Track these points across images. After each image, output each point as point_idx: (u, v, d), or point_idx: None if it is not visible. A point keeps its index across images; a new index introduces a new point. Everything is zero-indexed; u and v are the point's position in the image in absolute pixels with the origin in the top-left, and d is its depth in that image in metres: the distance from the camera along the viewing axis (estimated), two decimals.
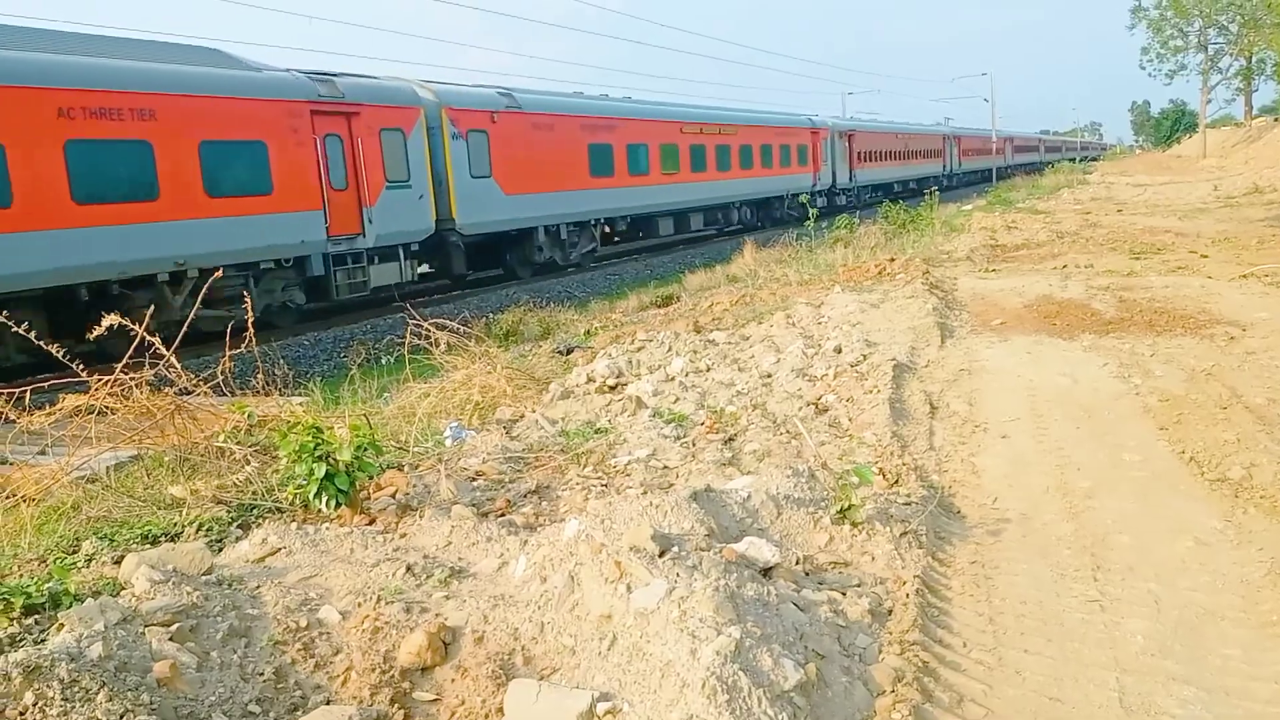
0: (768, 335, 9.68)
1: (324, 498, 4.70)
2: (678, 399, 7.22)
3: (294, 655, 3.37)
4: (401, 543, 4.41)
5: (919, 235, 20.01)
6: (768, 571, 3.79)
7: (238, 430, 5.94)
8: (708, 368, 8.38)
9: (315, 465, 4.66)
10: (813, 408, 6.75)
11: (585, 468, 5.66)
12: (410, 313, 9.18)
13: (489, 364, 8.09)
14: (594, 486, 5.22)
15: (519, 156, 20.82)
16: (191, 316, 7.68)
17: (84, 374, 5.98)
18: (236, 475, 5.45)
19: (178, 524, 4.82)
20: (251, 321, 6.86)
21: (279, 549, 4.29)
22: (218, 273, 9.03)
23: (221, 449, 5.81)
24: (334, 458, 4.68)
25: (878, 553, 4.20)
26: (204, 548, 4.18)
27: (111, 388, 5.96)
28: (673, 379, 7.94)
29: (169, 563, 3.90)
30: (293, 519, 4.80)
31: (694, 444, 6.04)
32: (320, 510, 4.76)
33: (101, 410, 5.97)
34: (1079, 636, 3.57)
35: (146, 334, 6.12)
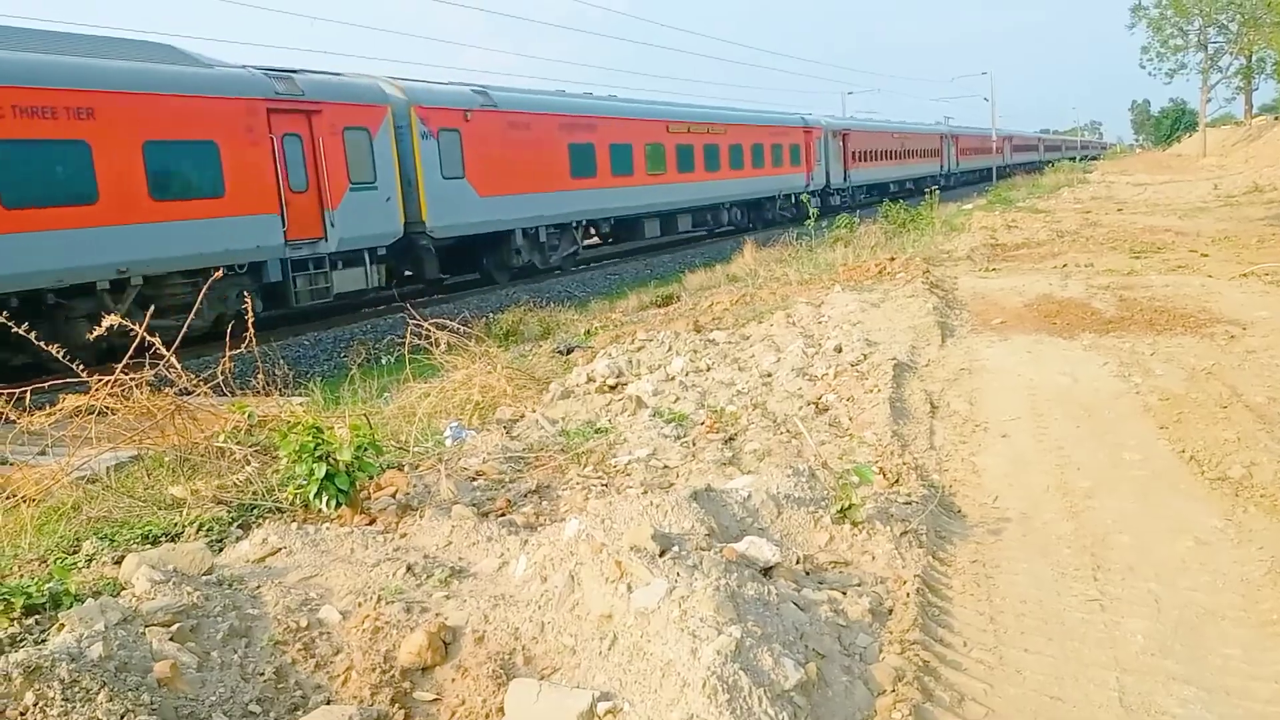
0: (768, 335, 9.68)
1: (324, 498, 4.70)
2: (678, 398, 7.22)
3: (294, 655, 3.37)
4: (402, 543, 4.41)
5: (919, 234, 20.02)
6: (768, 571, 3.79)
7: (238, 430, 5.94)
8: (708, 367, 8.38)
9: (315, 465, 4.66)
10: (813, 407, 6.75)
11: (585, 467, 5.66)
12: (410, 313, 9.18)
13: (489, 364, 8.09)
14: (594, 486, 5.22)
15: (494, 156, 20.03)
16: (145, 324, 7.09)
17: (84, 374, 5.98)
18: (237, 475, 5.45)
19: (178, 524, 4.82)
20: (251, 322, 6.87)
21: (279, 549, 4.29)
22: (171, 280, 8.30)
23: (222, 449, 5.81)
24: (334, 458, 4.69)
25: (878, 552, 4.20)
26: (204, 548, 4.18)
27: (111, 388, 5.96)
28: (673, 378, 7.94)
29: (169, 563, 3.91)
30: (293, 519, 4.81)
31: (694, 443, 6.04)
32: (320, 510, 4.77)
33: (101, 411, 5.97)
34: (1079, 636, 3.57)
35: (149, 336, 6.13)
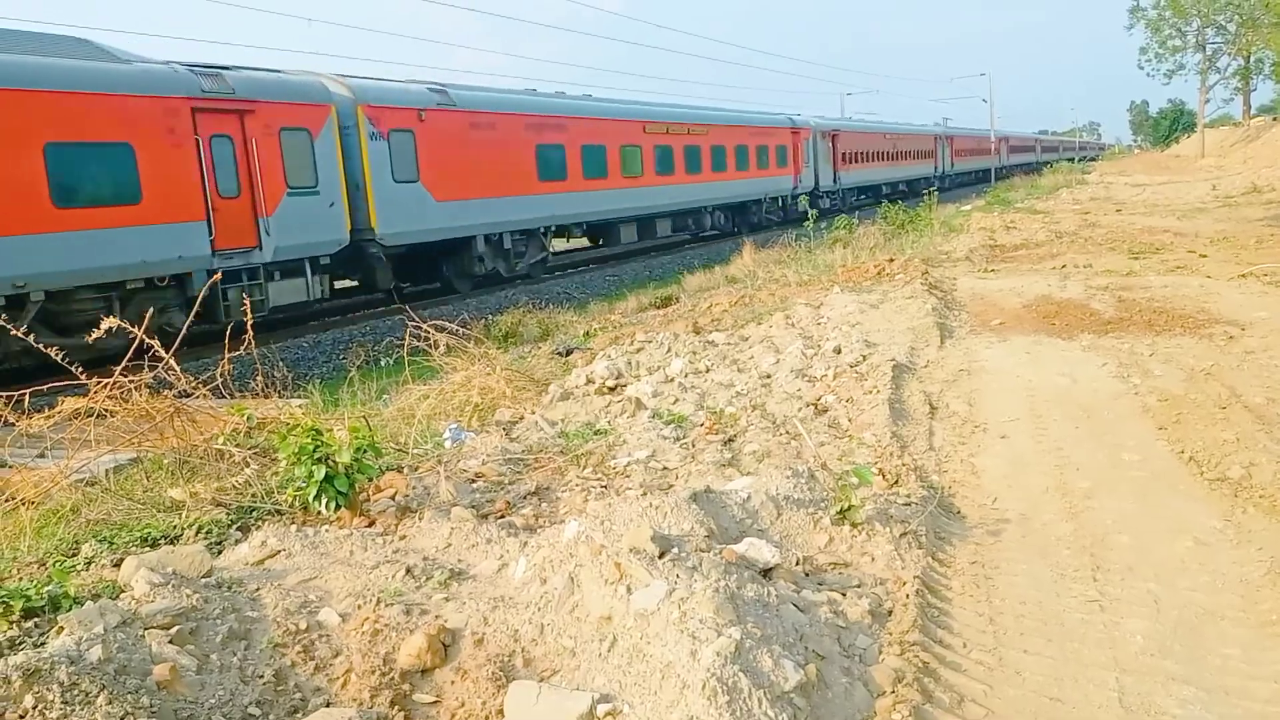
0: (767, 336, 9.68)
1: (323, 500, 4.70)
2: (677, 400, 7.23)
3: (294, 658, 3.37)
4: (401, 545, 4.41)
5: (918, 235, 20.03)
6: (768, 572, 3.79)
7: (237, 433, 5.94)
8: (707, 369, 8.38)
9: (315, 467, 4.66)
10: (812, 408, 6.76)
11: (585, 469, 5.66)
12: (409, 315, 9.19)
13: (488, 365, 8.09)
14: (594, 488, 5.22)
15: (453, 159, 18.92)
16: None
17: (83, 377, 5.97)
18: (236, 478, 5.45)
19: (177, 527, 4.82)
20: (250, 325, 6.87)
21: (278, 551, 4.29)
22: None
23: (221, 451, 5.81)
24: (333, 460, 4.68)
25: (878, 553, 4.20)
26: (203, 550, 4.18)
27: (111, 390, 5.96)
28: (672, 380, 7.94)
29: (168, 565, 3.90)
30: (292, 521, 4.81)
31: (693, 445, 6.04)
32: (320, 512, 4.76)
33: (101, 413, 5.96)
34: (1079, 637, 3.57)
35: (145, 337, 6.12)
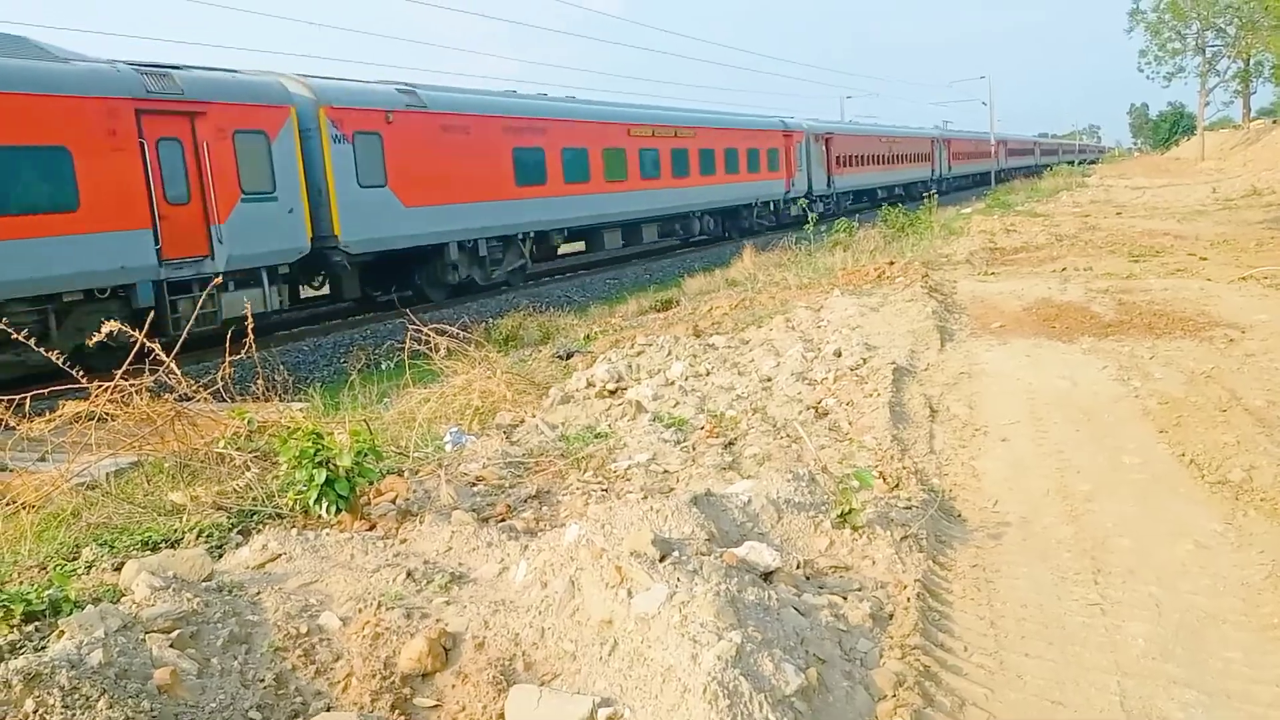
0: (767, 339, 9.68)
1: (324, 503, 4.70)
2: (678, 403, 7.22)
3: (294, 661, 3.37)
4: (402, 548, 4.41)
5: (918, 238, 20.04)
6: (768, 576, 3.79)
7: (238, 436, 5.94)
8: (707, 372, 8.38)
9: (315, 471, 4.66)
10: (813, 411, 6.75)
11: (585, 472, 5.66)
12: (410, 318, 9.19)
13: (489, 369, 8.10)
14: (594, 491, 5.22)
15: (423, 163, 18.13)
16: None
17: (84, 380, 5.98)
18: (237, 481, 5.45)
19: (178, 530, 4.82)
20: (251, 328, 6.87)
21: (279, 555, 4.29)
22: None
23: (222, 455, 5.81)
24: (334, 463, 4.68)
25: (878, 557, 4.20)
26: (204, 554, 4.18)
27: (111, 394, 5.96)
28: (672, 383, 7.94)
29: (169, 569, 3.90)
30: (293, 525, 4.80)
31: (694, 448, 6.04)
32: (320, 516, 4.76)
33: (101, 417, 5.96)
34: (1080, 640, 3.57)
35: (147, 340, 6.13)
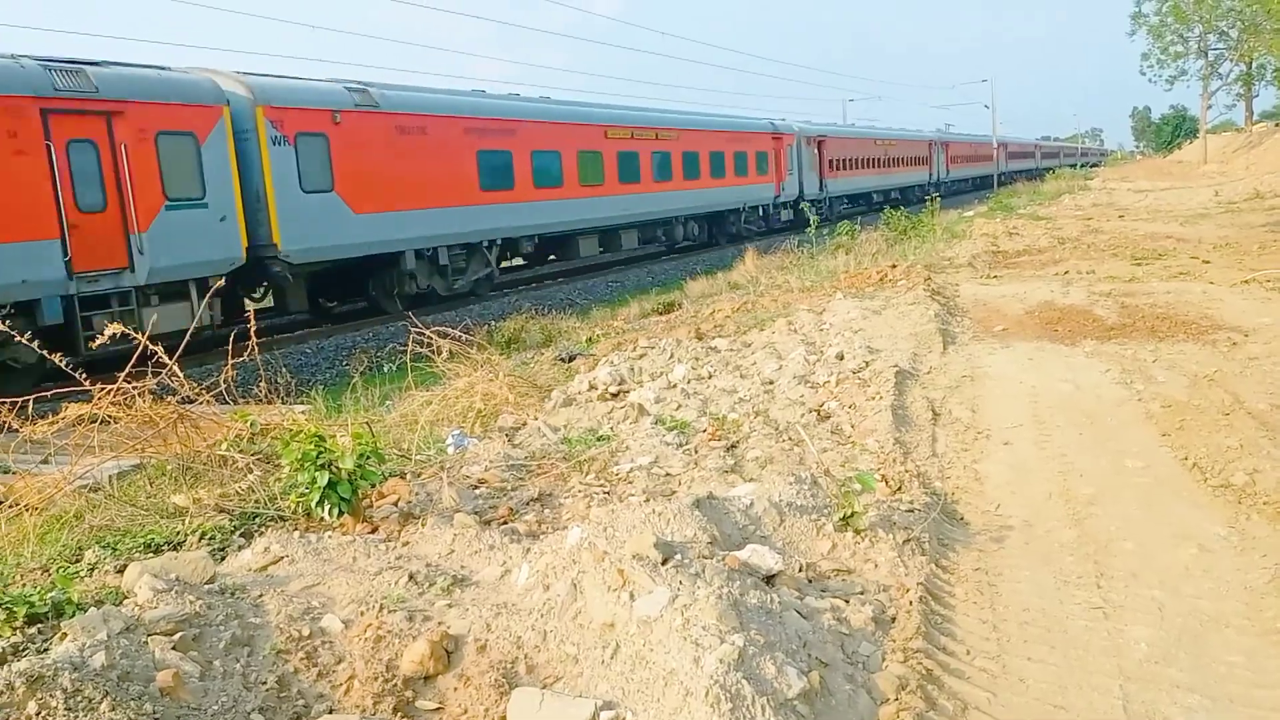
0: (770, 342, 9.68)
1: (326, 506, 4.70)
2: (680, 406, 7.22)
3: (296, 664, 3.37)
4: (404, 551, 4.42)
5: (920, 242, 20.03)
6: (771, 579, 3.79)
7: (240, 438, 5.95)
8: (710, 375, 8.38)
9: (318, 473, 4.66)
10: (815, 414, 6.75)
11: (587, 475, 5.66)
12: (412, 321, 9.20)
13: (491, 371, 8.10)
14: (596, 494, 5.22)
15: (375, 166, 17.06)
16: None
17: (87, 383, 5.99)
18: (239, 484, 5.45)
19: (180, 533, 4.83)
20: (253, 330, 6.87)
21: (281, 557, 4.29)
22: None
23: (224, 457, 5.81)
24: (336, 466, 4.69)
25: (881, 560, 4.19)
26: (206, 556, 4.18)
27: (114, 397, 5.96)
28: (675, 386, 7.94)
29: (172, 571, 3.90)
30: (295, 527, 4.81)
31: (696, 451, 6.04)
32: (323, 518, 4.77)
33: (104, 419, 5.97)
34: (1083, 644, 3.56)
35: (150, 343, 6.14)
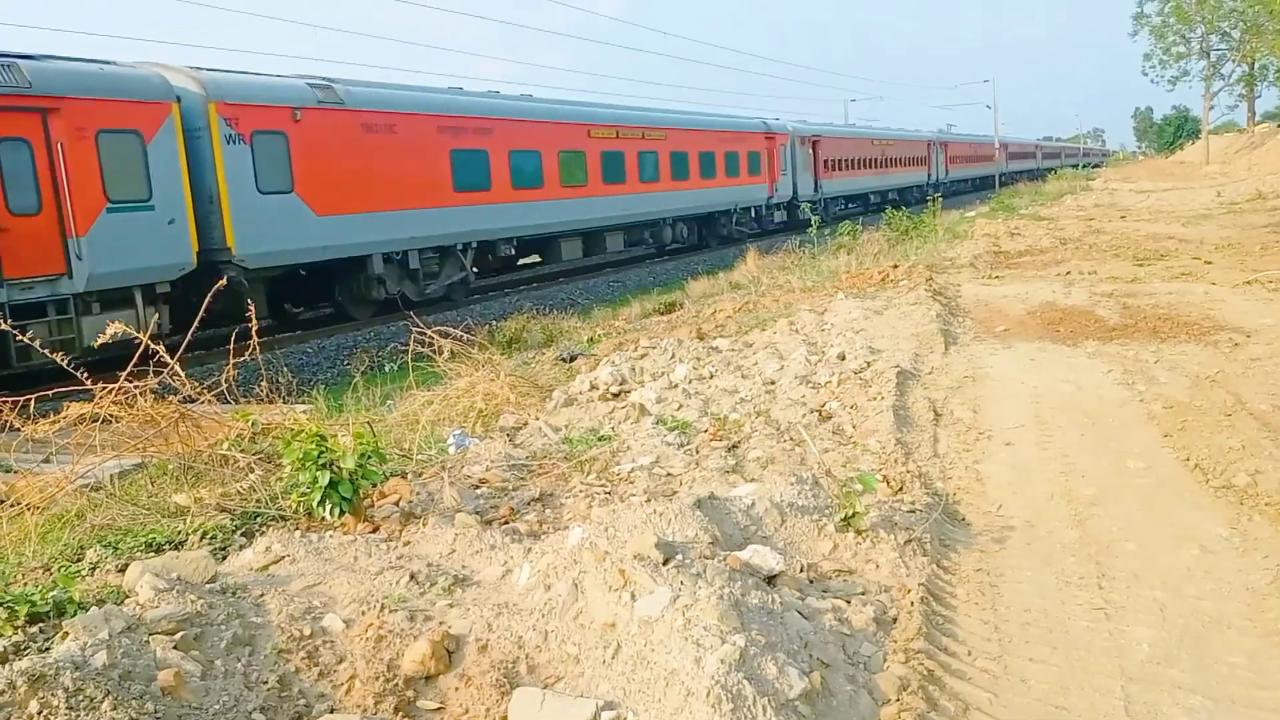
0: (771, 342, 9.68)
1: (328, 505, 4.71)
2: (681, 406, 7.22)
3: (298, 663, 3.37)
4: (405, 551, 4.42)
5: (922, 242, 20.02)
6: (772, 579, 3.79)
7: (242, 438, 5.95)
8: (711, 375, 8.38)
9: (319, 473, 4.66)
10: (816, 415, 6.75)
11: (589, 475, 5.66)
12: (413, 321, 9.21)
13: (492, 371, 8.11)
14: (597, 494, 5.22)
15: (339, 166, 16.27)
16: None
17: (88, 382, 5.99)
18: (240, 483, 5.46)
19: (182, 532, 4.83)
20: (255, 330, 6.88)
21: (283, 557, 4.30)
22: None
23: (225, 457, 5.82)
24: (338, 465, 4.69)
25: (882, 560, 4.19)
26: (208, 556, 4.18)
27: (116, 396, 5.97)
28: (676, 386, 7.94)
29: (173, 571, 3.91)
30: (296, 527, 4.81)
31: (697, 451, 6.04)
32: (324, 518, 4.77)
33: (106, 418, 5.98)
34: (1084, 645, 3.56)
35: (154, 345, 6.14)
